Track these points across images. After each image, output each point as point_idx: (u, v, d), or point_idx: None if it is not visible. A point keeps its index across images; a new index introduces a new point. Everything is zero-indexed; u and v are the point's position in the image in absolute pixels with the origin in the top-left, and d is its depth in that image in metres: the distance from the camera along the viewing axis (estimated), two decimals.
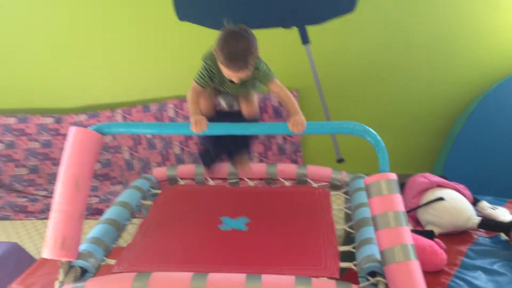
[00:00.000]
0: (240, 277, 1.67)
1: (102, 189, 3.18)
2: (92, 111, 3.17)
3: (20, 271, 2.23)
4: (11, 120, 3.14)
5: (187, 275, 1.68)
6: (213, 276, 1.68)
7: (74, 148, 1.84)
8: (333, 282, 1.64)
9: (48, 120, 3.14)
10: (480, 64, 2.99)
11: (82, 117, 3.13)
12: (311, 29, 2.98)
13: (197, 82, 2.01)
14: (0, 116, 3.15)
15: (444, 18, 2.91)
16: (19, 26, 3.07)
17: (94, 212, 2.95)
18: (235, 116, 2.22)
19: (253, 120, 2.19)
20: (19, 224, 2.93)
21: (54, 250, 1.74)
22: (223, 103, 2.25)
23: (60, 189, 1.80)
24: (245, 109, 2.17)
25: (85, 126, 2.97)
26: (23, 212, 3.00)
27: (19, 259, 2.35)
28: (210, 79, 2.01)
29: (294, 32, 3.00)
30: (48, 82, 3.18)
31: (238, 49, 1.83)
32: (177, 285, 1.64)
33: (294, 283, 1.60)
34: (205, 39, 2.98)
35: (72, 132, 1.86)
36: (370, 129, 1.83)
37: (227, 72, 1.88)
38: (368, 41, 2.98)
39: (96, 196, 3.09)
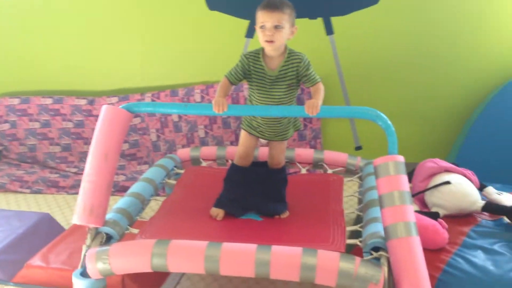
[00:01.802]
0: (252, 246, 1.79)
1: (129, 168, 3.35)
2: (123, 94, 3.34)
3: (50, 239, 2.37)
4: (48, 101, 3.34)
5: (203, 243, 1.80)
6: (227, 245, 1.81)
7: (105, 124, 1.98)
8: (337, 253, 1.75)
9: (82, 102, 3.33)
10: (501, 57, 3.04)
11: (114, 100, 3.30)
12: (335, 20, 3.08)
13: (227, 77, 2.08)
14: (37, 97, 3.35)
15: (469, 9, 2.97)
16: (57, 8, 3.25)
17: (121, 189, 3.12)
18: (262, 165, 2.32)
19: (279, 169, 2.27)
20: (50, 197, 3.13)
21: (83, 216, 1.88)
22: (262, 140, 2.27)
23: (90, 161, 1.94)
24: (271, 159, 2.26)
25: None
26: (54, 186, 3.20)
27: (50, 228, 2.52)
28: (243, 75, 2.06)
29: (318, 22, 3.10)
30: (83, 66, 3.37)
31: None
32: (193, 251, 1.77)
33: (301, 253, 1.71)
34: (233, 28, 3.16)
35: (104, 109, 2.00)
36: (382, 114, 1.92)
37: (261, 19, 1.92)
38: (390, 30, 3.07)
39: (123, 175, 3.27)
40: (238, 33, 3.15)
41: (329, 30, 3.10)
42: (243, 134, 2.23)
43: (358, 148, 3.35)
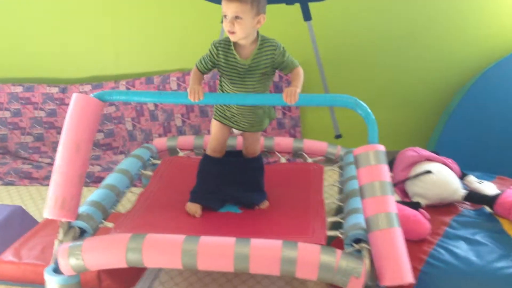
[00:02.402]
0: (230, 240, 1.74)
1: (104, 158, 3.26)
2: (97, 81, 3.24)
3: (23, 233, 2.30)
4: (18, 89, 3.23)
5: (180, 237, 1.75)
6: (204, 239, 1.76)
7: (75, 113, 1.90)
8: (318, 246, 1.71)
9: (54, 90, 3.22)
10: (481, 42, 3.03)
11: (87, 88, 3.21)
12: (312, 5, 3.02)
13: (197, 66, 2.02)
14: (7, 84, 3.23)
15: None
16: None
17: (96, 180, 3.04)
18: (237, 154, 2.27)
19: (254, 158, 2.22)
20: (23, 189, 3.03)
21: (54, 210, 1.81)
22: (235, 131, 2.21)
23: (61, 152, 1.87)
24: (245, 149, 2.21)
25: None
26: (27, 178, 3.10)
27: (22, 222, 2.43)
28: (213, 65, 1.99)
29: (296, 8, 3.03)
30: (54, 52, 3.26)
31: None
32: (170, 246, 1.72)
33: (281, 246, 1.67)
34: (209, 13, 3.07)
35: (74, 98, 1.92)
36: (361, 102, 1.88)
37: (223, 8, 1.84)
38: (368, 14, 3.04)
39: (99, 165, 3.18)
40: (215, 18, 3.07)
41: (306, 16, 3.05)
42: (215, 124, 2.14)
43: (338, 136, 3.32)
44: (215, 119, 2.13)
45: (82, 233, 1.88)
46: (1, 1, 3.16)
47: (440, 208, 2.20)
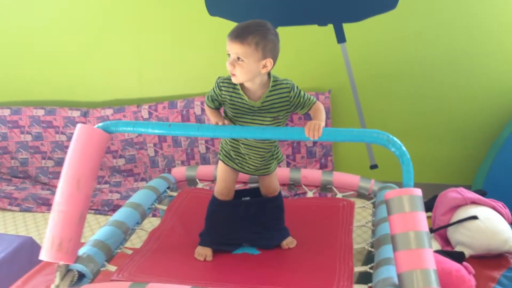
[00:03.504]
0: None
1: (125, 185, 3.12)
2: (119, 105, 3.12)
3: (32, 266, 2.18)
4: (40, 112, 3.13)
5: None
6: None
7: (78, 146, 1.76)
8: None
9: (75, 113, 3.11)
10: None
11: (109, 112, 3.08)
12: (347, 26, 2.80)
13: (207, 104, 1.85)
14: (28, 107, 3.15)
15: (495, 18, 2.65)
16: (48, 16, 3.05)
17: (115, 208, 2.89)
18: (254, 192, 2.06)
19: (273, 197, 2.01)
20: (40, 216, 2.91)
21: (50, 252, 1.67)
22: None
23: (61, 188, 1.73)
24: (264, 190, 2.01)
25: (111, 121, 2.98)
26: (45, 204, 2.98)
27: (32, 255, 2.29)
28: (219, 103, 1.82)
29: (329, 29, 2.82)
30: (75, 75, 3.15)
31: (248, 23, 1.65)
32: None
33: None
34: None
35: (78, 129, 1.78)
36: (395, 138, 1.65)
37: (227, 47, 1.66)
38: (408, 38, 2.76)
39: (118, 192, 3.04)
40: None
41: (340, 38, 2.82)
42: (221, 166, 1.95)
43: (374, 166, 3.06)
44: (220, 158, 1.94)
45: (81, 277, 1.72)
46: (21, 23, 3.09)
47: (487, 260, 1.92)
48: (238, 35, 1.62)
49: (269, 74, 1.75)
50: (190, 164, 3.08)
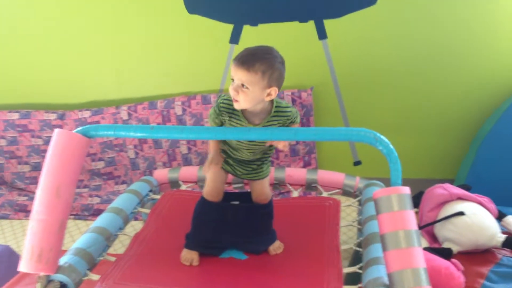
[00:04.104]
0: None
1: (105, 189, 3.05)
2: (97, 107, 3.04)
3: (10, 276, 2.11)
4: (14, 116, 3.04)
5: None
6: None
7: (56, 152, 1.68)
8: None
9: (51, 116, 3.02)
10: None
11: (86, 114, 3.00)
12: (328, 23, 2.77)
13: (210, 122, 1.83)
14: (3, 111, 3.05)
15: (474, 14, 2.65)
16: (21, 17, 2.95)
17: (95, 213, 2.83)
18: (244, 197, 2.02)
19: (263, 204, 1.97)
20: (17, 224, 2.83)
21: (30, 263, 1.60)
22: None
23: (39, 196, 1.65)
24: (256, 198, 1.97)
25: (89, 123, 2.91)
26: (22, 211, 2.90)
27: (10, 264, 2.22)
28: (221, 123, 1.79)
29: (310, 26, 2.79)
30: (51, 77, 3.07)
31: (255, 49, 1.62)
32: None
33: None
34: (215, 33, 2.85)
35: (56, 134, 1.71)
36: (382, 136, 1.62)
37: (232, 71, 1.63)
38: (389, 34, 2.75)
39: (98, 196, 2.97)
40: (222, 39, 2.85)
41: (321, 34, 2.80)
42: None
43: (357, 163, 3.05)
44: None
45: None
46: None
47: (475, 256, 1.91)
48: (244, 62, 1.58)
49: (272, 101, 1.73)
50: (171, 166, 3.03)
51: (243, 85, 1.60)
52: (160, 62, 2.98)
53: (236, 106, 1.66)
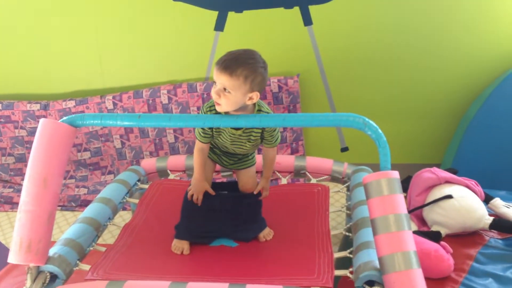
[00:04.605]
0: (222, 286, 1.52)
1: (92, 179, 3.02)
2: (81, 97, 3.00)
3: None
4: None
5: (163, 284, 1.52)
6: (193, 285, 1.52)
7: (42, 142, 1.66)
8: None
9: (35, 107, 2.97)
10: (500, 44, 2.73)
11: (70, 104, 2.96)
12: (313, 9, 2.76)
13: (198, 139, 1.83)
14: None
15: (459, 3, 2.67)
16: (3, 8, 2.89)
17: (82, 204, 2.80)
18: (232, 186, 2.03)
19: (251, 194, 1.98)
20: (3, 216, 2.79)
21: (19, 255, 1.58)
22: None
23: (27, 187, 1.64)
24: (242, 187, 1.99)
25: (73, 113, 2.87)
26: (8, 203, 2.86)
27: None
28: (211, 135, 1.80)
29: (295, 12, 2.78)
30: (34, 67, 3.01)
31: (237, 53, 1.63)
32: None
33: None
34: (200, 20, 2.83)
35: (41, 124, 1.68)
36: (371, 122, 1.62)
37: (214, 75, 1.64)
38: (375, 19, 2.75)
39: (85, 187, 2.94)
40: (206, 26, 2.82)
41: (307, 21, 2.79)
42: None
43: (344, 149, 3.06)
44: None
45: (53, 279, 1.64)
46: None
47: (463, 238, 1.94)
48: (227, 67, 1.59)
49: (254, 105, 1.75)
50: (158, 155, 3.01)
51: (225, 89, 1.61)
52: (144, 51, 2.94)
53: (218, 109, 1.67)
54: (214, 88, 1.64)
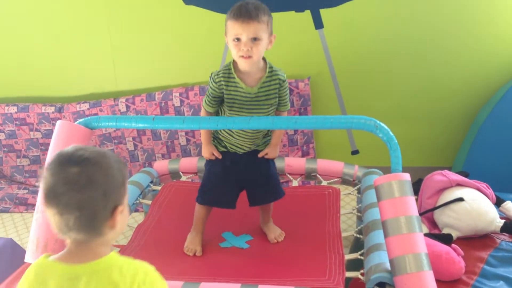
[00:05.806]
0: (235, 286, 1.54)
1: None
2: (95, 99, 3.05)
3: (14, 268, 2.09)
4: (12, 109, 3.03)
5: (177, 284, 1.55)
6: (205, 286, 1.55)
7: (59, 143, 1.71)
8: None
9: (50, 109, 3.02)
10: (509, 52, 2.73)
11: (84, 106, 3.00)
12: (324, 12, 2.78)
13: (205, 108, 1.83)
14: (0, 105, 3.04)
15: (471, 2, 2.67)
16: (18, 12, 2.94)
17: None
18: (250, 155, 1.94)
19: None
20: (18, 217, 2.83)
21: (36, 254, 1.63)
22: None
23: None
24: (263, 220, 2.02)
25: (87, 116, 2.91)
26: (23, 204, 2.90)
27: (13, 257, 2.23)
28: (220, 101, 1.78)
29: (306, 15, 2.80)
30: (49, 70, 3.06)
31: (246, 3, 1.65)
32: None
33: None
34: (212, 24, 2.85)
35: (58, 126, 1.73)
36: (382, 124, 1.64)
37: (234, 31, 1.62)
38: (386, 22, 2.76)
39: None
40: (219, 30, 2.83)
41: (318, 24, 2.81)
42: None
43: (355, 152, 3.07)
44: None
45: None
46: None
47: (475, 241, 1.95)
48: (251, 15, 1.61)
49: (263, 58, 1.75)
50: (170, 157, 3.04)
51: (254, 39, 1.62)
52: (157, 54, 2.98)
53: (249, 63, 1.66)
54: (238, 45, 1.63)
